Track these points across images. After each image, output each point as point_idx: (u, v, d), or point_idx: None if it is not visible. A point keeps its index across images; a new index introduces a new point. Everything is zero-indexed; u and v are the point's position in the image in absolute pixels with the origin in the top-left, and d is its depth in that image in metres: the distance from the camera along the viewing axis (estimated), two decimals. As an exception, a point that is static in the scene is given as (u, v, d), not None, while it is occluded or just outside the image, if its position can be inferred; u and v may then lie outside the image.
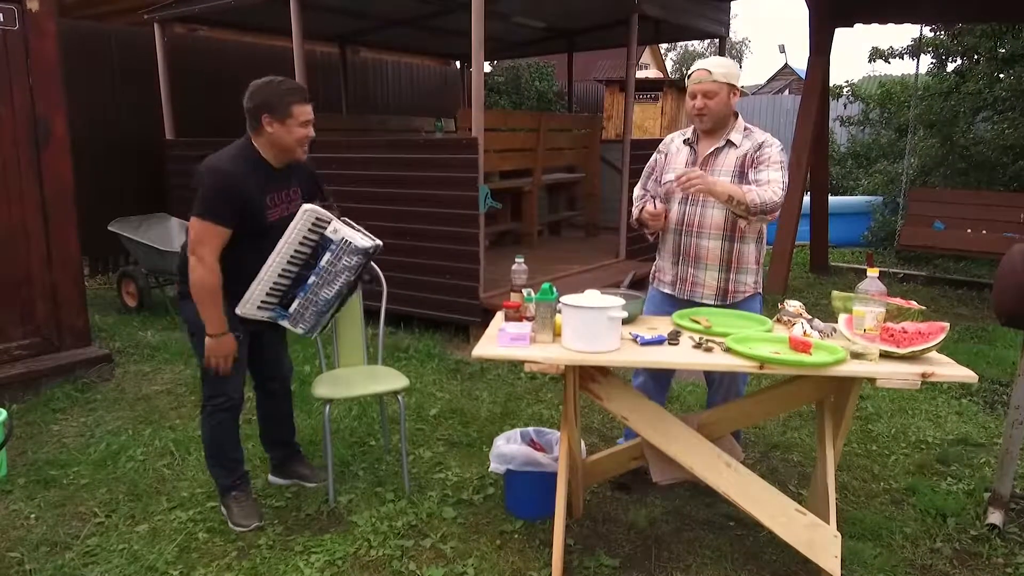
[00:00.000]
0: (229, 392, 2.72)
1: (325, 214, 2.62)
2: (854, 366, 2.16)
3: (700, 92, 2.78)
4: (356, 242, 2.62)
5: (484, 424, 3.72)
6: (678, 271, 2.91)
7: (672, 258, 2.92)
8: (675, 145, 2.98)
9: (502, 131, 6.77)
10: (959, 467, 3.28)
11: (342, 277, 2.65)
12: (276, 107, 2.53)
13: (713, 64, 2.79)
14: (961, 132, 8.19)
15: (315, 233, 2.62)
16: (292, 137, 2.58)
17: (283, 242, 2.58)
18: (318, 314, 2.70)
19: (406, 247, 5.21)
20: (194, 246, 2.51)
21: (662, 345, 2.38)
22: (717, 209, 2.79)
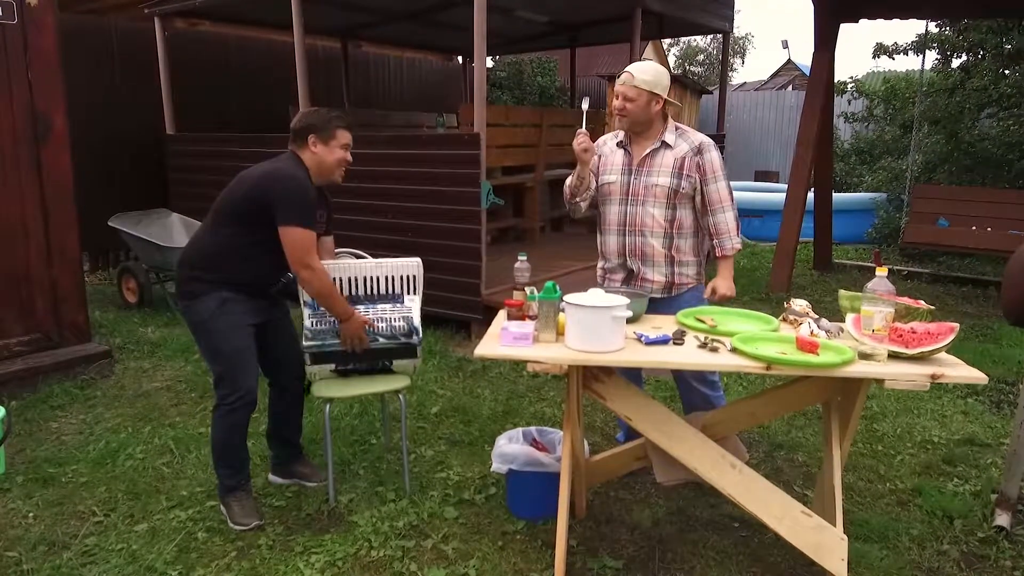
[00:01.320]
0: (245, 391, 2.71)
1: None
2: (862, 367, 2.13)
3: (621, 94, 2.83)
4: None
5: (486, 423, 3.69)
6: (628, 269, 2.98)
7: (620, 259, 2.98)
8: (608, 147, 2.98)
9: (504, 127, 6.73)
10: (965, 468, 3.25)
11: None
12: (322, 129, 2.72)
13: (639, 70, 2.83)
14: (966, 129, 8.14)
15: None
16: (333, 157, 2.76)
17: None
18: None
19: (407, 243, 5.17)
20: (303, 256, 2.63)
21: (667, 345, 2.35)
22: (657, 208, 2.87)
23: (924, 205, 6.70)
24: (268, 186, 2.60)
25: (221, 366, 2.71)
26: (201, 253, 2.73)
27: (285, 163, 2.70)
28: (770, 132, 14.05)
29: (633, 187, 2.89)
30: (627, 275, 3.00)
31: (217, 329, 2.68)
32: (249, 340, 2.75)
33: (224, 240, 2.68)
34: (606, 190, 2.94)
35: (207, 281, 2.68)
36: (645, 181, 2.88)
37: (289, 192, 2.58)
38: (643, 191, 2.88)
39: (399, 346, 2.93)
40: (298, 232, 2.58)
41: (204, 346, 2.75)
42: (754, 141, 14.09)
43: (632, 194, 2.89)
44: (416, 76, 10.69)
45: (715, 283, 2.96)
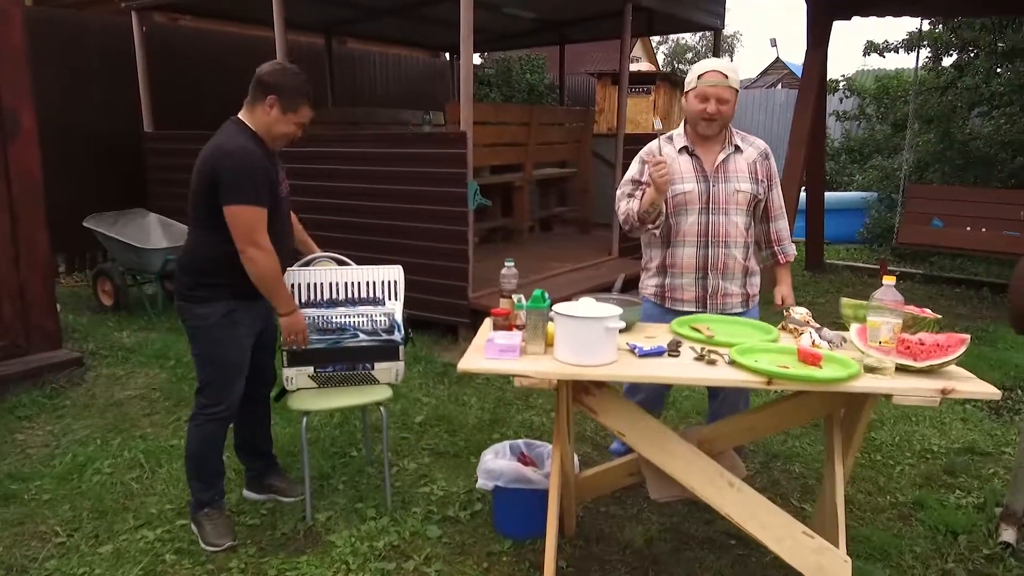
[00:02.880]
0: (228, 404, 2.59)
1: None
2: (869, 382, 2.01)
3: (715, 96, 2.62)
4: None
5: (472, 432, 3.56)
6: (707, 285, 2.75)
7: (697, 273, 2.75)
8: (668, 153, 2.71)
9: (492, 125, 6.59)
10: (967, 478, 3.15)
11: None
12: (287, 96, 2.49)
13: (728, 67, 2.65)
14: (959, 127, 8.07)
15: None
16: (282, 129, 2.54)
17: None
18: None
19: (392, 245, 5.04)
20: (247, 236, 2.43)
21: (662, 357, 2.22)
22: (740, 216, 2.72)
23: (918, 205, 6.62)
24: (215, 164, 2.40)
25: (211, 374, 2.58)
26: (200, 259, 2.54)
27: (228, 134, 2.48)
28: (759, 131, 13.96)
29: (713, 195, 2.69)
30: (703, 292, 2.75)
31: (218, 337, 2.54)
32: (245, 357, 2.62)
33: (217, 247, 2.48)
34: (681, 200, 2.70)
35: (213, 286, 2.52)
36: (725, 188, 2.69)
37: (231, 169, 2.38)
38: (724, 199, 2.69)
39: (381, 344, 2.78)
40: (238, 211, 2.39)
41: (199, 350, 2.59)
42: (744, 139, 14.01)
43: (713, 202, 2.69)
44: (403, 73, 10.52)
45: (782, 292, 2.87)
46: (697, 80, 2.66)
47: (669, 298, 2.82)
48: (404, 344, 2.82)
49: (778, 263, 2.90)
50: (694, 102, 2.67)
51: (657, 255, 2.83)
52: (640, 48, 30.83)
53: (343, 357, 2.75)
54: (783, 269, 2.89)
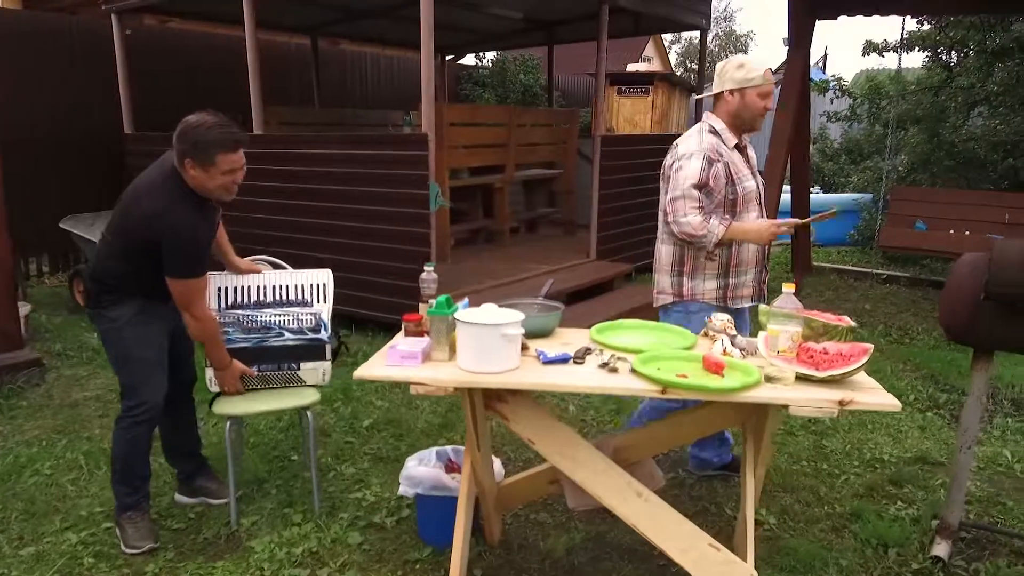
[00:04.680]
0: (151, 404, 2.59)
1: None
2: (765, 392, 1.97)
3: (771, 94, 2.74)
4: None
5: (419, 437, 3.53)
6: (762, 277, 2.87)
7: (756, 267, 2.84)
8: (727, 150, 2.75)
9: (471, 126, 6.56)
10: (912, 489, 3.08)
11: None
12: (200, 154, 2.42)
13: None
14: (951, 128, 7.93)
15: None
16: (214, 184, 2.49)
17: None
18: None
19: (357, 246, 5.03)
20: (188, 305, 2.50)
21: (566, 364, 2.19)
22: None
23: (901, 207, 6.52)
24: (157, 230, 2.40)
25: (128, 376, 2.59)
26: (112, 272, 2.56)
27: (163, 194, 2.43)
28: (767, 128, 13.83)
29: (760, 190, 2.83)
30: (759, 285, 2.87)
31: (129, 337, 2.55)
32: (161, 354, 2.63)
33: (130, 267, 2.52)
34: (748, 197, 2.77)
35: (122, 290, 2.55)
36: (760, 183, 2.85)
37: (174, 245, 2.41)
38: (763, 192, 2.85)
39: (306, 343, 2.77)
40: (180, 284, 2.46)
41: (113, 353, 2.61)
42: (744, 139, 13.89)
43: (759, 197, 2.82)
44: (396, 74, 10.52)
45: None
46: (762, 78, 2.71)
47: (731, 297, 2.83)
48: (332, 343, 2.81)
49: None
50: (756, 99, 2.73)
51: (717, 257, 2.79)
52: (652, 47, 30.70)
53: (268, 356, 2.74)
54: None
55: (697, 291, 2.84)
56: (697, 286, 2.84)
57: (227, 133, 2.44)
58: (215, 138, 2.41)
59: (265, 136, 5.50)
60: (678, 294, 2.86)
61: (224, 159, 2.43)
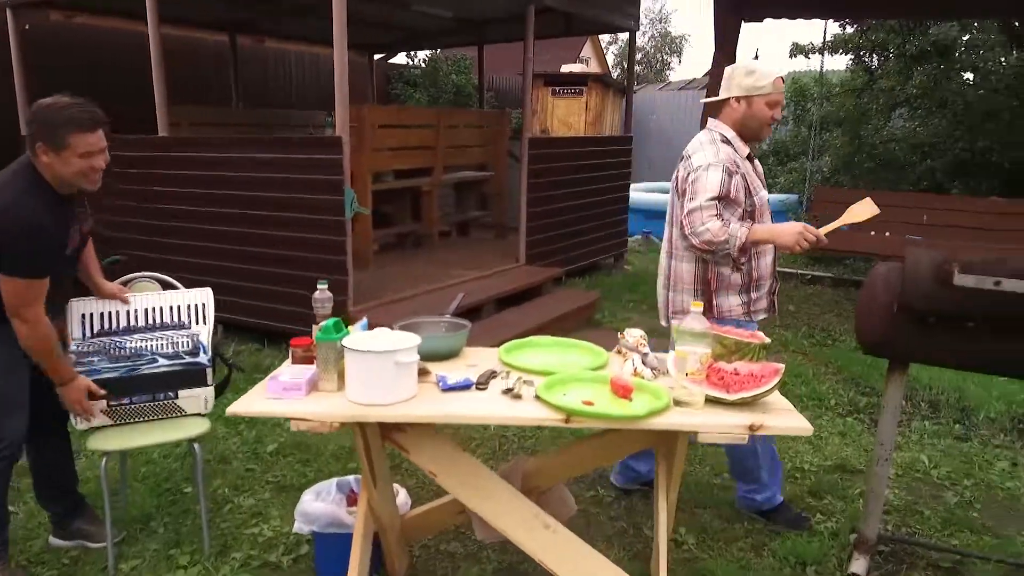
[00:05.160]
0: (10, 440, 2.31)
1: None
2: (673, 418, 1.86)
3: (781, 103, 2.67)
4: None
5: (328, 462, 3.33)
6: (774, 288, 2.81)
7: (770, 279, 2.76)
8: (743, 163, 2.64)
9: (397, 128, 6.35)
10: (832, 499, 3.04)
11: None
12: (51, 136, 2.18)
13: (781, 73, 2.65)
14: (873, 130, 8.12)
15: None
16: (70, 170, 2.22)
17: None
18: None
19: (271, 256, 4.78)
20: (16, 308, 2.19)
21: (468, 391, 2.04)
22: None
23: (823, 208, 6.60)
24: (2, 226, 2.14)
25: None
26: None
27: (12, 186, 2.21)
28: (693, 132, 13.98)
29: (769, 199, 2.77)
30: (772, 297, 2.79)
31: None
32: (22, 384, 2.35)
33: None
34: (763, 208, 2.68)
35: None
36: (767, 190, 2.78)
37: (13, 236, 2.14)
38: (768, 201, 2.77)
39: (184, 368, 2.53)
40: (13, 283, 2.16)
41: None
42: (677, 141, 14.02)
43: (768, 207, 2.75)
44: (322, 73, 10.17)
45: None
46: (772, 86, 2.58)
47: (753, 311, 2.74)
48: (213, 367, 2.58)
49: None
50: (764, 108, 2.61)
51: (738, 273, 2.67)
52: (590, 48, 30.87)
53: (140, 386, 2.49)
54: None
55: (724, 308, 2.71)
56: (723, 303, 2.71)
57: (83, 111, 2.21)
58: (68, 117, 2.18)
59: (168, 139, 5.18)
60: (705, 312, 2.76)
61: (79, 140, 2.18)
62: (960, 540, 2.75)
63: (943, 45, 7.19)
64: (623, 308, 6.28)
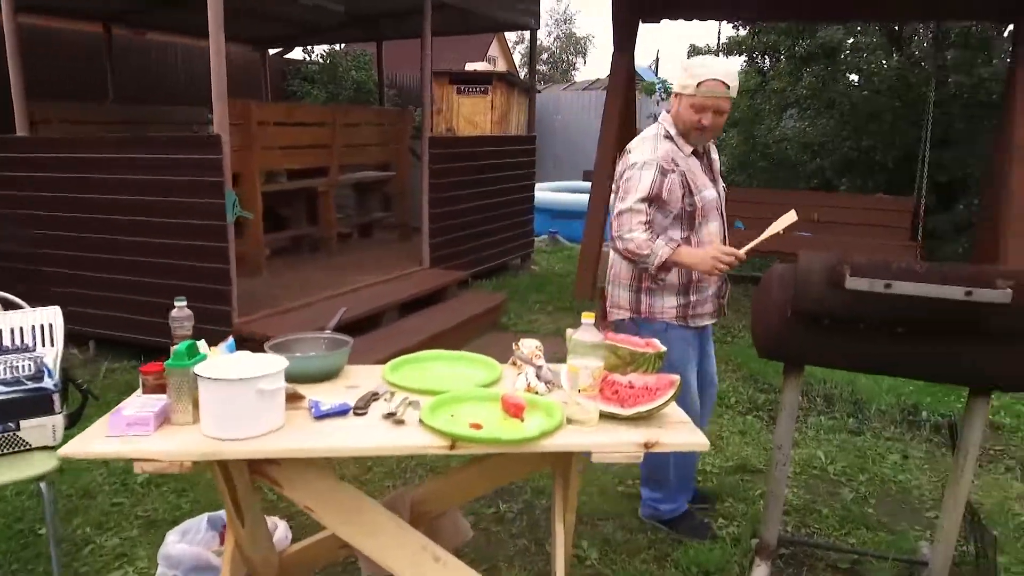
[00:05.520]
0: None
1: None
2: (565, 438, 1.73)
3: (712, 108, 2.41)
4: None
5: (205, 491, 3.04)
6: (721, 292, 2.65)
7: (719, 282, 2.61)
8: (683, 158, 2.50)
9: (288, 126, 6.02)
10: (733, 502, 3.02)
11: None
12: None
13: (730, 74, 2.39)
14: (767, 130, 8.37)
15: None
16: None
17: None
18: None
19: (147, 265, 4.40)
20: None
21: (345, 417, 1.84)
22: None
23: (722, 207, 6.71)
24: None
25: None
26: None
27: None
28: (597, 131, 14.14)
29: (720, 198, 2.60)
30: (719, 302, 2.66)
31: None
32: None
33: None
34: (708, 207, 2.52)
35: None
36: (721, 192, 2.63)
37: None
38: (723, 201, 2.63)
39: (25, 395, 2.21)
40: None
41: None
42: (582, 141, 14.12)
43: (720, 206, 2.59)
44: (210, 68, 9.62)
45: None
46: (696, 88, 2.36)
47: (692, 316, 2.60)
48: (64, 393, 2.28)
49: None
50: (689, 111, 2.41)
51: (676, 273, 2.55)
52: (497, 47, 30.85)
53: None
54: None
55: (656, 308, 2.60)
56: (656, 304, 2.60)
57: None
58: None
59: (26, 139, 4.69)
60: (636, 310, 2.62)
61: None
62: (857, 538, 2.77)
63: (830, 47, 7.48)
64: (529, 310, 6.18)
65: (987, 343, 1.99)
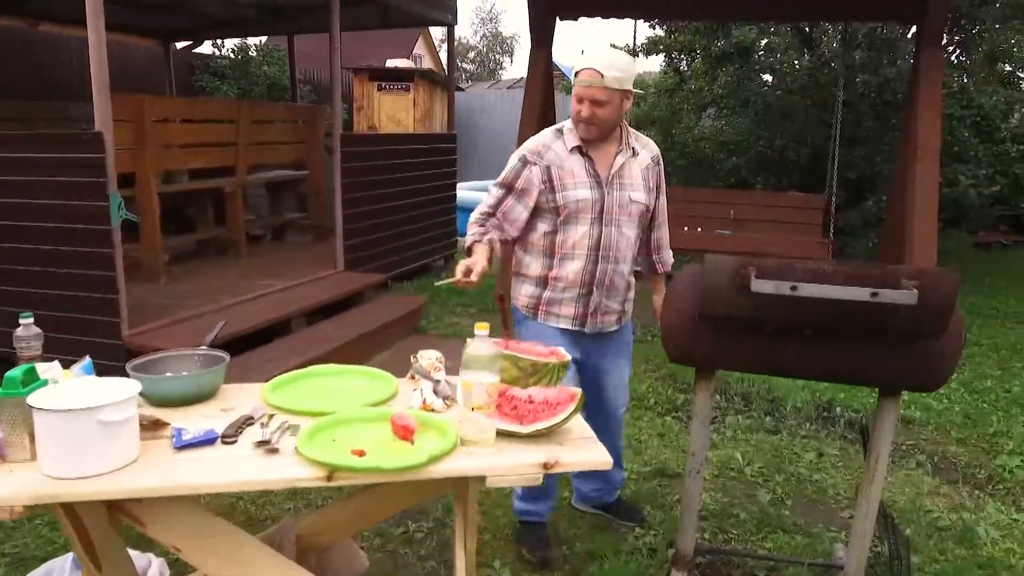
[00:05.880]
0: None
1: None
2: (456, 462, 1.58)
3: (588, 97, 2.27)
4: None
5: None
6: (589, 303, 2.45)
7: (581, 288, 2.43)
8: (558, 152, 2.37)
9: (187, 123, 5.67)
10: (651, 510, 2.93)
11: None
12: None
13: (606, 64, 2.22)
14: (686, 129, 8.44)
15: None
16: None
17: None
18: None
19: (21, 274, 4.02)
20: None
21: (212, 446, 1.64)
22: (631, 230, 2.45)
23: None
24: None
25: None
26: None
27: None
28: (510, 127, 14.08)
29: (608, 205, 2.37)
30: (583, 310, 2.45)
31: None
32: None
33: None
34: (575, 208, 2.35)
35: None
36: (620, 197, 2.39)
37: None
38: (618, 210, 2.39)
39: None
40: None
41: None
42: (507, 140, 14.01)
43: (607, 213, 2.38)
44: (114, 62, 9.04)
45: (658, 302, 2.71)
46: (575, 78, 2.26)
47: (545, 312, 2.47)
48: None
49: (655, 272, 2.74)
50: (573, 102, 2.29)
51: (536, 265, 2.46)
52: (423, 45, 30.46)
53: None
54: (660, 278, 2.75)
55: (517, 294, 2.53)
56: (516, 288, 2.53)
57: None
58: None
59: None
60: (510, 294, 2.57)
61: None
62: (774, 542, 2.73)
63: (744, 47, 7.59)
64: (450, 312, 6.02)
65: (893, 343, 1.95)
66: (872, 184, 7.45)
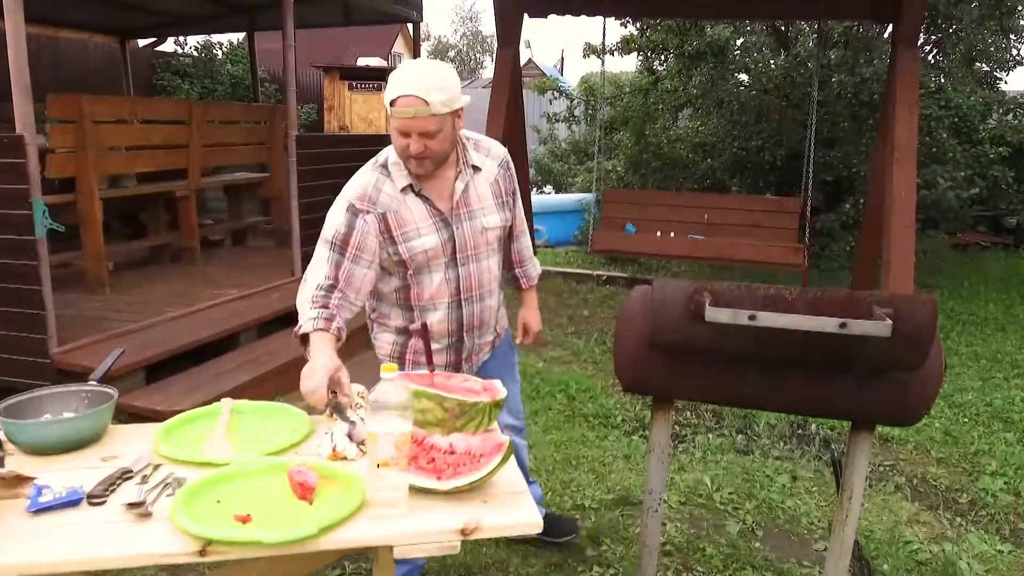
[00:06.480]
0: None
1: None
2: (356, 530, 1.35)
3: (415, 131, 1.84)
4: None
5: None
6: (461, 349, 2.14)
7: (450, 338, 2.10)
8: (389, 194, 1.96)
9: (135, 124, 5.38)
10: (611, 544, 2.72)
11: None
12: None
13: (426, 89, 1.79)
14: (661, 130, 8.24)
15: None
16: None
17: None
18: None
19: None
20: None
21: (76, 508, 1.40)
22: (492, 258, 2.13)
23: (613, 210, 6.50)
24: None
25: None
26: None
27: None
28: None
29: (460, 242, 2.03)
30: (456, 357, 2.14)
31: None
32: None
33: None
34: (423, 259, 1.99)
35: None
36: (471, 229, 2.04)
37: None
38: (473, 243, 2.05)
39: None
40: None
41: None
42: (482, 139, 13.79)
43: (460, 251, 2.03)
44: (71, 61, 8.68)
45: (526, 319, 2.44)
46: (391, 108, 1.84)
47: (412, 361, 2.12)
48: None
49: (520, 288, 2.43)
50: (395, 134, 1.88)
51: (396, 315, 2.11)
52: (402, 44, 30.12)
53: None
54: (529, 292, 2.45)
55: (376, 339, 2.18)
56: (376, 333, 2.18)
57: None
58: None
59: None
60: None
61: None
62: (740, 581, 2.52)
63: (718, 46, 7.40)
64: (414, 321, 5.76)
65: (866, 375, 1.75)
66: (850, 186, 7.29)
